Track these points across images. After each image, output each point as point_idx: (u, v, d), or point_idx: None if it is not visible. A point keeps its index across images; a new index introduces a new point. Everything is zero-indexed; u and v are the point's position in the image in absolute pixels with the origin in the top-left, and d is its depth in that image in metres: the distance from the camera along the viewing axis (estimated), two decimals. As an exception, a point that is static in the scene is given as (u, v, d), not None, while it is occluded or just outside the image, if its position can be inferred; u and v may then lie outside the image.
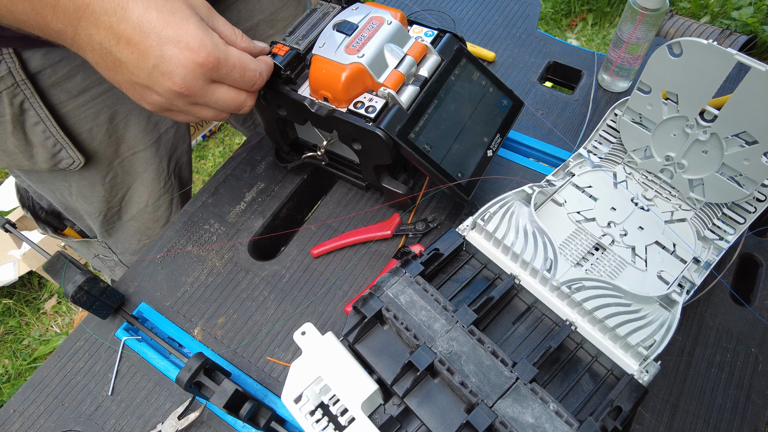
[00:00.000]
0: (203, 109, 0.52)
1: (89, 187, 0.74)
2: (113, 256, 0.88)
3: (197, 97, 0.49)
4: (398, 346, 0.50)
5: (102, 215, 0.78)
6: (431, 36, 0.62)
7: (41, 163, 0.67)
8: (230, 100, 0.51)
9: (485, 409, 0.44)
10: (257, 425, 0.52)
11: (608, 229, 0.61)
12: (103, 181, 0.74)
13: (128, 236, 0.84)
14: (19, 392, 0.59)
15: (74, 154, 0.67)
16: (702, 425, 0.54)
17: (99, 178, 0.73)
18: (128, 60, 0.45)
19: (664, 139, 0.60)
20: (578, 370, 0.51)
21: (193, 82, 0.47)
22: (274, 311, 0.63)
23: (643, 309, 0.53)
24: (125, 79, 0.48)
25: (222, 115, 0.54)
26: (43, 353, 1.47)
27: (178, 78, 0.46)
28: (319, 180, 0.77)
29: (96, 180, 0.73)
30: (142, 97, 0.49)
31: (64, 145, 0.66)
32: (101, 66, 0.48)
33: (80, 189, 0.74)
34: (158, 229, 0.84)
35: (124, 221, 0.81)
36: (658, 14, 0.70)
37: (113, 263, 0.90)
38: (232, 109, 0.52)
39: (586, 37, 2.14)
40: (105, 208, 0.78)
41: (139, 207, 0.80)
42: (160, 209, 0.82)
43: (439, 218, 0.68)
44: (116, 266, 0.91)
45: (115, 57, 0.46)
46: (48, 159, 0.67)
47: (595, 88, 0.82)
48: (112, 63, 0.47)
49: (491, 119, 0.63)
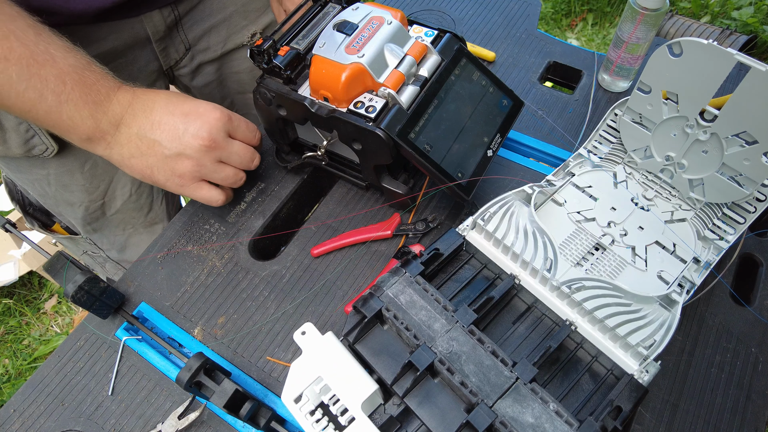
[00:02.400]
0: (226, 168, 0.62)
1: (68, 174, 0.74)
2: (100, 253, 0.89)
3: (221, 149, 0.60)
4: (398, 346, 0.50)
5: (83, 207, 0.78)
6: (431, 36, 0.62)
7: (14, 148, 0.67)
8: (244, 153, 0.63)
9: (485, 409, 0.44)
10: (257, 425, 0.52)
11: (608, 229, 0.61)
12: (82, 168, 0.74)
13: (113, 228, 0.84)
14: (19, 392, 0.59)
15: (47, 140, 0.68)
16: (702, 425, 0.54)
17: (77, 165, 0.73)
18: (162, 138, 0.58)
19: (664, 139, 0.60)
20: (578, 370, 0.51)
21: (217, 135, 0.59)
22: (274, 311, 0.63)
23: (643, 309, 0.53)
24: (158, 157, 0.58)
25: (239, 175, 0.64)
26: (43, 353, 1.47)
27: (206, 133, 0.58)
28: (319, 180, 0.77)
29: (74, 167, 0.73)
30: (173, 170, 0.59)
31: (36, 131, 0.66)
32: (135, 153, 0.58)
33: (59, 177, 0.74)
34: (142, 218, 0.84)
35: (108, 216, 0.81)
36: (658, 14, 0.70)
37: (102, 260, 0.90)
38: (246, 161, 0.64)
39: (586, 37, 2.14)
40: (86, 200, 0.77)
41: (124, 198, 0.80)
42: (142, 196, 0.82)
43: (439, 218, 0.68)
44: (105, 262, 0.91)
45: (150, 139, 0.58)
46: (21, 144, 0.67)
47: (595, 88, 0.82)
48: (147, 146, 0.58)
49: (491, 119, 0.63)
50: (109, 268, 0.92)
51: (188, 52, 0.81)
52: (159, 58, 0.78)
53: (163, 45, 0.76)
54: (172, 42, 0.78)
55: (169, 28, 0.75)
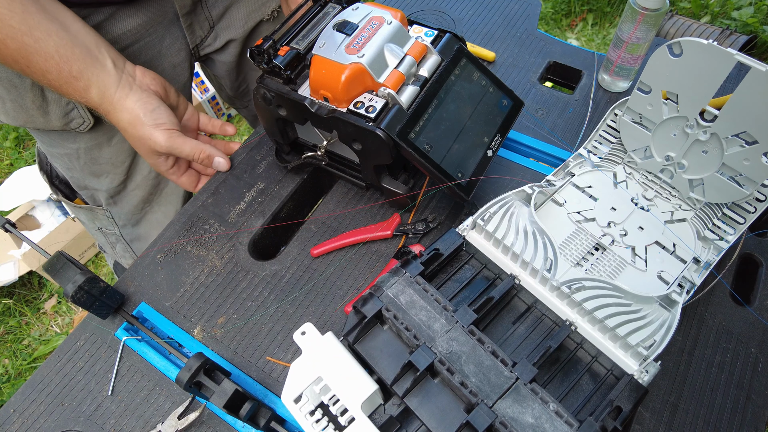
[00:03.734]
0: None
1: (96, 148, 0.78)
2: (115, 229, 0.90)
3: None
4: (398, 346, 0.50)
5: (109, 179, 0.82)
6: (431, 36, 0.62)
7: (54, 120, 0.71)
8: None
9: (485, 409, 0.44)
10: (257, 425, 0.52)
11: (608, 229, 0.61)
12: (110, 142, 0.78)
13: (132, 206, 0.87)
14: (19, 392, 0.59)
15: (85, 113, 0.72)
16: (702, 425, 0.54)
17: (106, 139, 0.77)
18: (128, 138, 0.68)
19: (664, 139, 0.60)
20: (578, 370, 0.51)
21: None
22: (274, 311, 0.63)
23: (643, 309, 0.53)
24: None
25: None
26: (43, 353, 1.47)
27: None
28: (319, 180, 0.77)
29: (103, 141, 0.78)
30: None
31: (75, 105, 0.71)
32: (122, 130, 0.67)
33: (88, 150, 0.78)
34: (158, 195, 0.87)
35: (129, 190, 0.84)
36: (658, 14, 0.70)
37: (114, 238, 0.92)
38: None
39: (586, 37, 2.14)
40: (111, 172, 0.81)
41: (144, 174, 0.83)
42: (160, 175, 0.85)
43: (439, 218, 0.68)
44: (117, 242, 0.92)
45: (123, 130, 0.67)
46: (61, 117, 0.71)
47: (595, 88, 0.82)
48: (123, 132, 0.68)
49: (491, 119, 0.63)
50: (119, 250, 0.94)
51: (212, 29, 0.82)
52: (186, 35, 0.79)
53: (189, 21, 0.78)
54: (197, 18, 0.79)
55: (194, 4, 0.77)
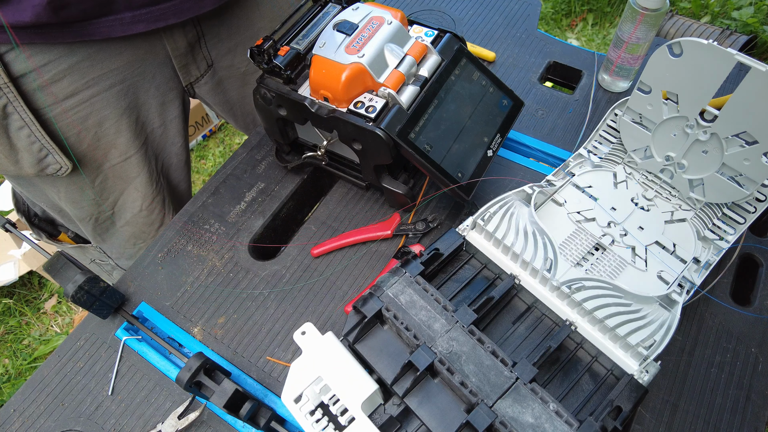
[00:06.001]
0: None
1: (78, 191, 0.73)
2: (109, 261, 0.88)
3: None
4: (398, 346, 0.50)
5: (93, 219, 0.78)
6: (431, 36, 0.62)
7: (27, 168, 0.66)
8: None
9: (485, 409, 0.44)
10: (257, 425, 0.52)
11: (608, 229, 0.61)
12: (93, 184, 0.74)
13: (123, 241, 0.83)
14: (19, 392, 0.59)
15: (61, 159, 0.67)
16: (702, 425, 0.54)
17: (88, 182, 0.73)
18: None
19: (664, 139, 0.60)
20: (578, 370, 0.51)
21: None
22: (274, 311, 0.63)
23: (643, 309, 0.53)
24: None
25: None
26: (43, 353, 1.47)
27: None
28: (319, 180, 0.77)
29: (85, 184, 0.73)
30: None
31: (50, 150, 0.65)
32: None
33: (69, 194, 0.73)
34: (153, 231, 0.83)
35: (118, 227, 0.80)
36: (658, 14, 0.70)
37: (110, 267, 0.90)
38: None
39: (587, 37, 2.14)
40: (96, 212, 0.77)
41: (134, 212, 0.79)
42: (154, 212, 0.81)
43: (439, 218, 0.68)
44: (114, 270, 0.90)
45: None
46: (34, 164, 0.66)
47: (595, 88, 0.82)
48: None
49: (491, 119, 0.63)
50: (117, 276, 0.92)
51: (210, 68, 0.79)
52: (179, 75, 0.75)
53: (184, 62, 0.74)
54: (194, 59, 0.75)
55: (190, 45, 0.73)
